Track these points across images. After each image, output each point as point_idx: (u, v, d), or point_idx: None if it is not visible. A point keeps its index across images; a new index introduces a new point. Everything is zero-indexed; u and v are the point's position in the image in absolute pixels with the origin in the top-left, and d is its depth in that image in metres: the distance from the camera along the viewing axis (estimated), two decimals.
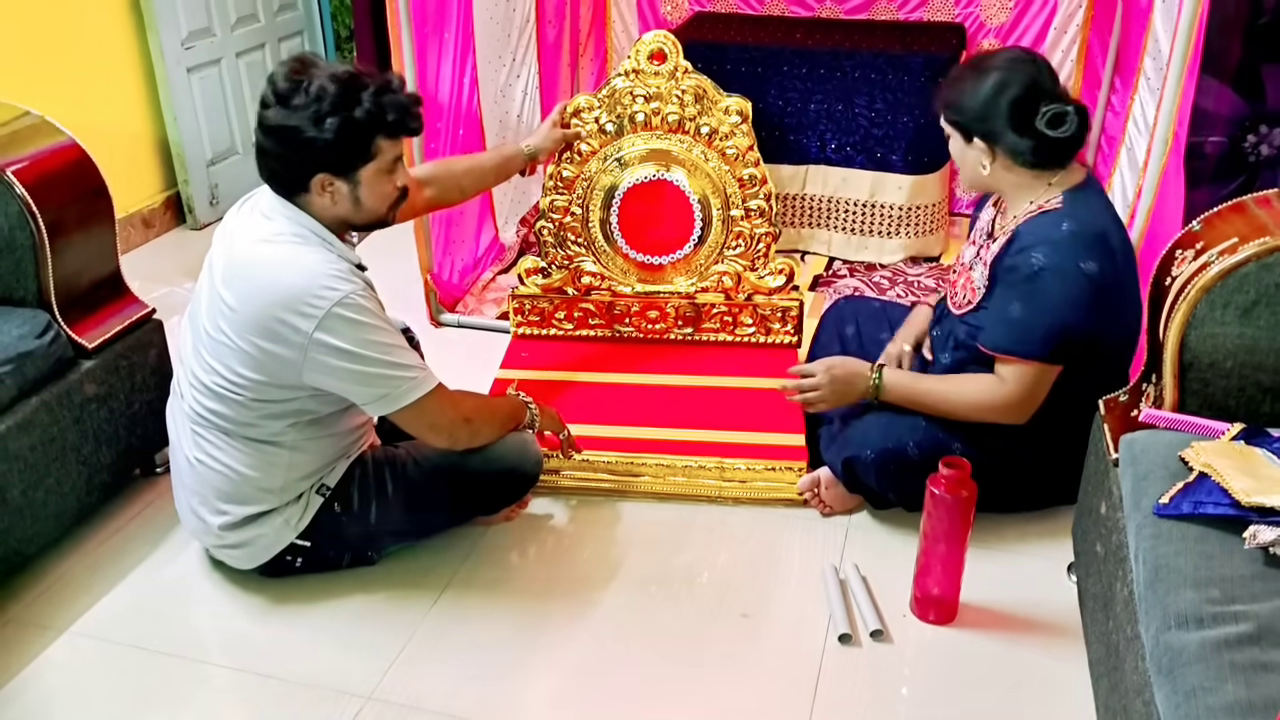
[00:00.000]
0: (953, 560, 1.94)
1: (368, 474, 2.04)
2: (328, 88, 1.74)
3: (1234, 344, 1.69)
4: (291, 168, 1.81)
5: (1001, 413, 2.05)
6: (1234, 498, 1.47)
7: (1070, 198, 2.00)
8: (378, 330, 1.83)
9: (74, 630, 1.98)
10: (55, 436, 2.06)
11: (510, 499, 2.21)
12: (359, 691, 1.84)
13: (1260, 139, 3.23)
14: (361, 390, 1.85)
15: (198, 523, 2.03)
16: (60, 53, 3.38)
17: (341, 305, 1.78)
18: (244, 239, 1.86)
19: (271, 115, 1.76)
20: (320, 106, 1.73)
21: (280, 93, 1.75)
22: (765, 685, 1.86)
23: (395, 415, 1.90)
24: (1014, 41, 3.65)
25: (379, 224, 1.94)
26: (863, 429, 2.18)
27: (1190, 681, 1.27)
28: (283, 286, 1.78)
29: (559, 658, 1.93)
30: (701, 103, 2.54)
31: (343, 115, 1.74)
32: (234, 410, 1.89)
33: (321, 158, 1.78)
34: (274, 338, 1.79)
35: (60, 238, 2.11)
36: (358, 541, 2.07)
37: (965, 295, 2.13)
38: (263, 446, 1.92)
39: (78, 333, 2.15)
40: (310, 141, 1.75)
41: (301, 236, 1.84)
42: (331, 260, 1.83)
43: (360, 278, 1.87)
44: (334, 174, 1.81)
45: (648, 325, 2.72)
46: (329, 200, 1.84)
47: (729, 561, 2.18)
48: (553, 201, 2.65)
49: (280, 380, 1.84)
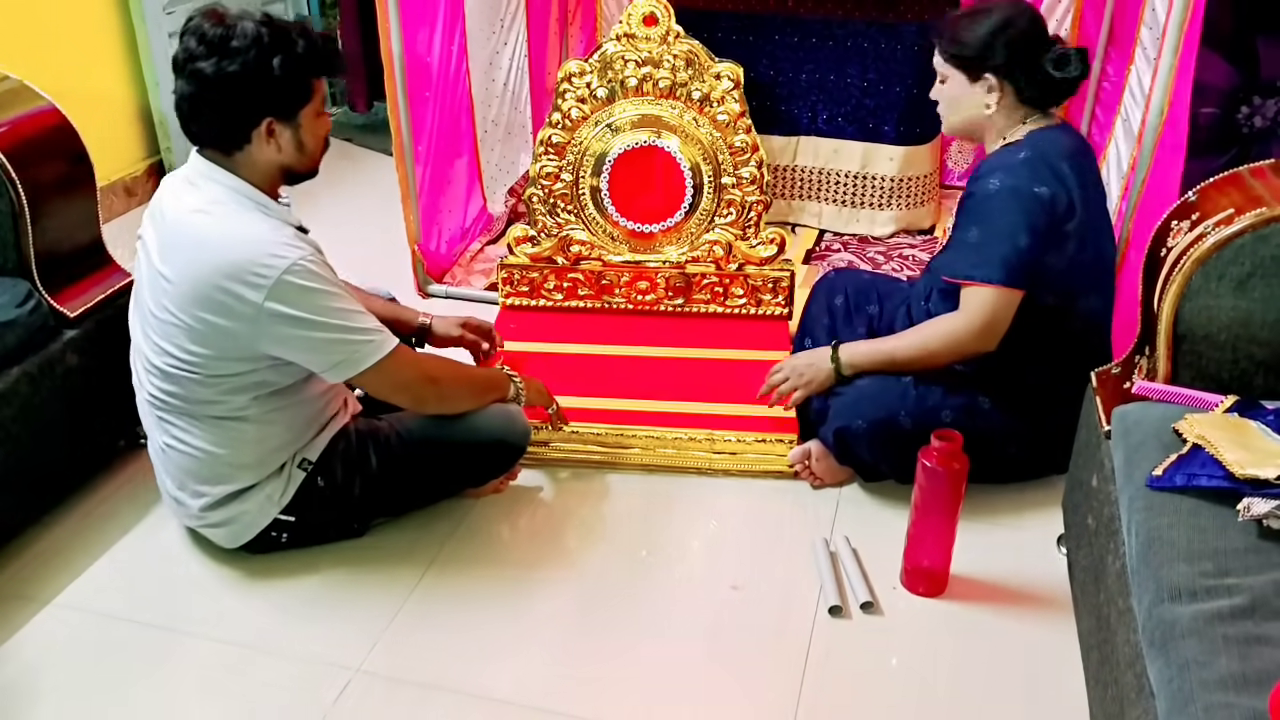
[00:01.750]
0: (943, 533, 1.93)
1: (350, 447, 2.01)
2: (260, 31, 1.71)
3: (1228, 316, 1.68)
4: (236, 117, 1.76)
5: (967, 342, 2.06)
6: (1228, 470, 1.47)
7: (1033, 135, 2.07)
8: (330, 295, 1.79)
9: (58, 602, 1.96)
10: (37, 407, 2.03)
11: (497, 470, 2.19)
12: (347, 664, 1.83)
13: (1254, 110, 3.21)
14: (318, 358, 1.82)
15: (178, 506, 2.01)
16: (40, 16, 3.32)
17: (290, 272, 1.73)
18: (175, 211, 1.82)
19: (208, 66, 1.70)
20: (261, 47, 1.70)
21: (212, 41, 1.70)
22: (755, 657, 1.86)
23: (357, 379, 1.87)
24: None
25: (311, 172, 1.90)
26: (854, 399, 2.17)
27: (1183, 654, 1.27)
28: (226, 257, 1.74)
29: (547, 629, 1.92)
30: (693, 68, 2.51)
31: (284, 54, 1.72)
32: (191, 390, 1.85)
33: (269, 100, 1.75)
34: (222, 310, 1.75)
35: (41, 205, 2.08)
36: (343, 515, 2.06)
37: (940, 242, 2.17)
38: (227, 423, 1.88)
39: (59, 302, 2.12)
40: (258, 83, 1.72)
41: (236, 202, 1.79)
42: (274, 226, 1.80)
43: (306, 241, 1.83)
44: (278, 117, 1.77)
45: (638, 296, 2.70)
46: (274, 148, 1.80)
47: (719, 533, 2.18)
48: (542, 168, 2.62)
49: (232, 354, 1.80)
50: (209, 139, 1.80)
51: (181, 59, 1.73)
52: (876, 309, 2.44)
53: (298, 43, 1.74)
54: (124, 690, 1.79)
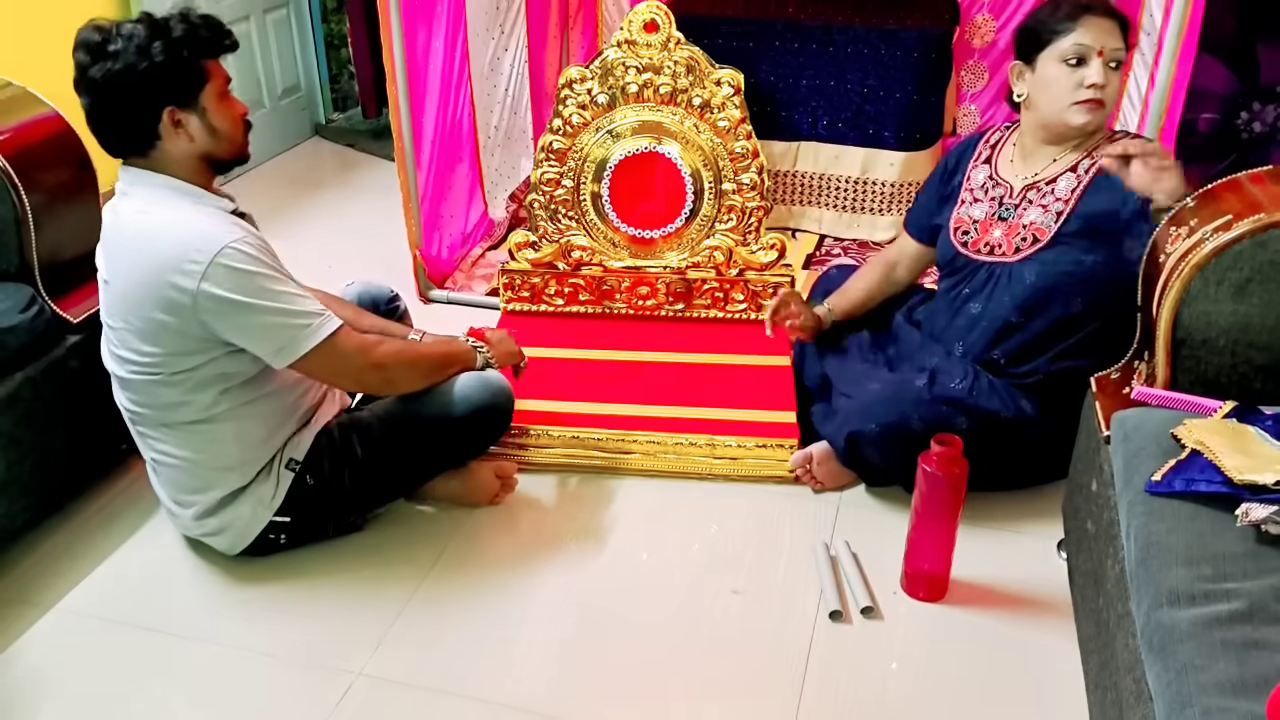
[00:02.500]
0: (944, 537, 1.94)
1: (334, 442, 2.01)
2: (135, 26, 1.73)
3: (1227, 321, 1.68)
4: (135, 114, 1.76)
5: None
6: (1226, 475, 1.47)
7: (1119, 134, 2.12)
8: (266, 278, 1.78)
9: (60, 607, 1.97)
10: (39, 412, 2.04)
11: (487, 439, 2.16)
12: (349, 668, 1.83)
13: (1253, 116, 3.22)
14: (259, 343, 1.81)
15: (174, 517, 2.03)
16: (42, 22, 3.32)
17: (223, 255, 1.73)
18: (114, 223, 1.84)
19: (95, 71, 1.71)
20: (138, 41, 1.71)
21: (94, 47, 1.72)
22: (756, 662, 1.86)
23: (298, 365, 1.84)
24: (1008, 17, 3.62)
25: (240, 155, 1.89)
26: (866, 402, 2.16)
27: (1181, 659, 1.27)
28: (162, 250, 1.75)
29: (549, 634, 1.93)
30: (694, 74, 2.52)
31: (163, 40, 1.72)
32: (155, 394, 1.86)
33: (160, 88, 1.74)
34: (163, 304, 1.76)
35: (44, 211, 2.08)
36: (338, 509, 2.06)
37: (1024, 238, 2.14)
38: (201, 426, 1.89)
39: (62, 307, 2.13)
40: (144, 74, 1.71)
41: (169, 198, 1.80)
42: (209, 213, 1.80)
43: (242, 225, 1.83)
44: (178, 105, 1.77)
45: (639, 301, 2.71)
46: (185, 138, 1.80)
47: (720, 538, 2.18)
48: (543, 174, 2.63)
49: (182, 347, 1.81)
50: (122, 146, 1.81)
51: (76, 77, 1.75)
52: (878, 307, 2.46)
53: (175, 28, 1.74)
54: (126, 695, 1.80)
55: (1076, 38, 2.00)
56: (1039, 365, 2.16)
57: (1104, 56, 2.00)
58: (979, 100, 3.76)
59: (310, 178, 4.22)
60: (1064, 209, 2.10)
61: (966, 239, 2.23)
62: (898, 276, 2.44)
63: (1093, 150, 2.10)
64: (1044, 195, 2.13)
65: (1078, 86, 2.01)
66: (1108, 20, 2.02)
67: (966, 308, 2.23)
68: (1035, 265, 2.12)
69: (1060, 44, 2.02)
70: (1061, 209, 2.10)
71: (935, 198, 2.34)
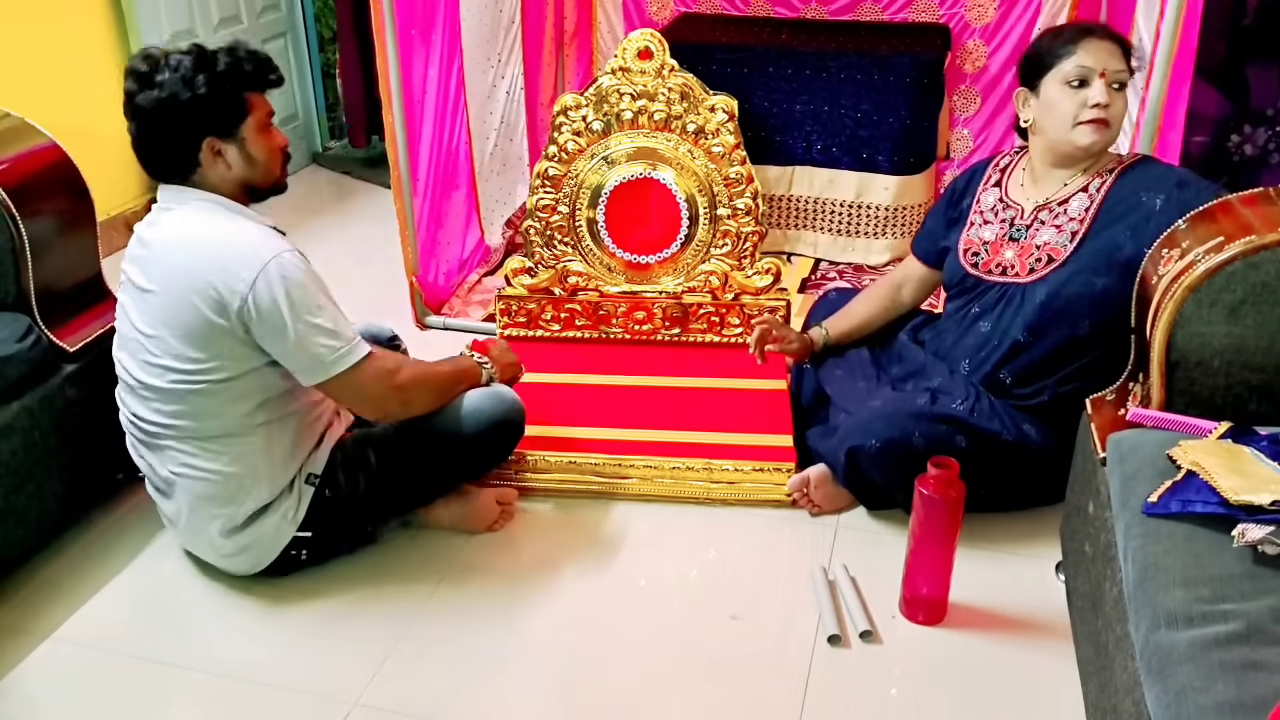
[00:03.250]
0: (941, 560, 1.93)
1: (349, 454, 2.03)
2: (183, 58, 1.80)
3: (1221, 343, 1.69)
4: (177, 141, 1.83)
5: None
6: (1222, 496, 1.47)
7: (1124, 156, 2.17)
8: (313, 292, 1.84)
9: (56, 636, 1.96)
10: (36, 441, 2.04)
11: (498, 452, 2.17)
12: (346, 697, 1.82)
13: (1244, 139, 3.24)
14: (292, 357, 1.85)
15: (197, 538, 2.02)
16: (41, 54, 3.35)
17: (276, 261, 1.80)
18: (157, 234, 1.88)
19: (141, 98, 1.79)
20: (184, 72, 1.78)
21: (142, 76, 1.79)
22: (755, 687, 1.85)
23: (324, 386, 1.89)
24: (999, 42, 3.66)
25: (276, 186, 1.96)
26: (867, 419, 2.16)
27: (1180, 681, 1.27)
28: (215, 255, 1.81)
29: (546, 661, 1.92)
30: (688, 101, 2.54)
31: (208, 73, 1.79)
32: (195, 404, 1.87)
33: (202, 119, 1.82)
34: (212, 304, 1.80)
35: (41, 240, 2.09)
36: (356, 521, 2.07)
37: (1038, 258, 2.15)
38: (233, 440, 1.91)
39: (59, 336, 2.13)
40: (187, 105, 1.79)
41: (216, 209, 1.87)
42: (258, 226, 1.87)
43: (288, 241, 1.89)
44: (218, 136, 1.84)
45: (635, 326, 2.71)
46: (223, 167, 1.87)
47: (717, 563, 2.18)
48: (539, 200, 2.64)
49: (229, 351, 1.84)
50: (164, 171, 1.88)
51: (125, 102, 1.82)
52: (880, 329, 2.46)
53: (220, 61, 1.81)
54: None
55: (1078, 59, 2.03)
56: (1045, 386, 2.17)
57: (1106, 78, 2.02)
58: (971, 125, 3.78)
59: (307, 205, 4.23)
60: (1079, 229, 2.11)
61: (977, 260, 2.24)
62: (903, 299, 2.45)
63: (1102, 172, 2.12)
64: (1056, 216, 2.14)
65: (1082, 107, 2.03)
66: (1108, 42, 2.04)
67: (976, 326, 2.24)
68: (1047, 285, 2.13)
69: (1063, 66, 2.04)
70: (1076, 229, 2.11)
71: (943, 221, 2.35)
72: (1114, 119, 2.06)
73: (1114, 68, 2.03)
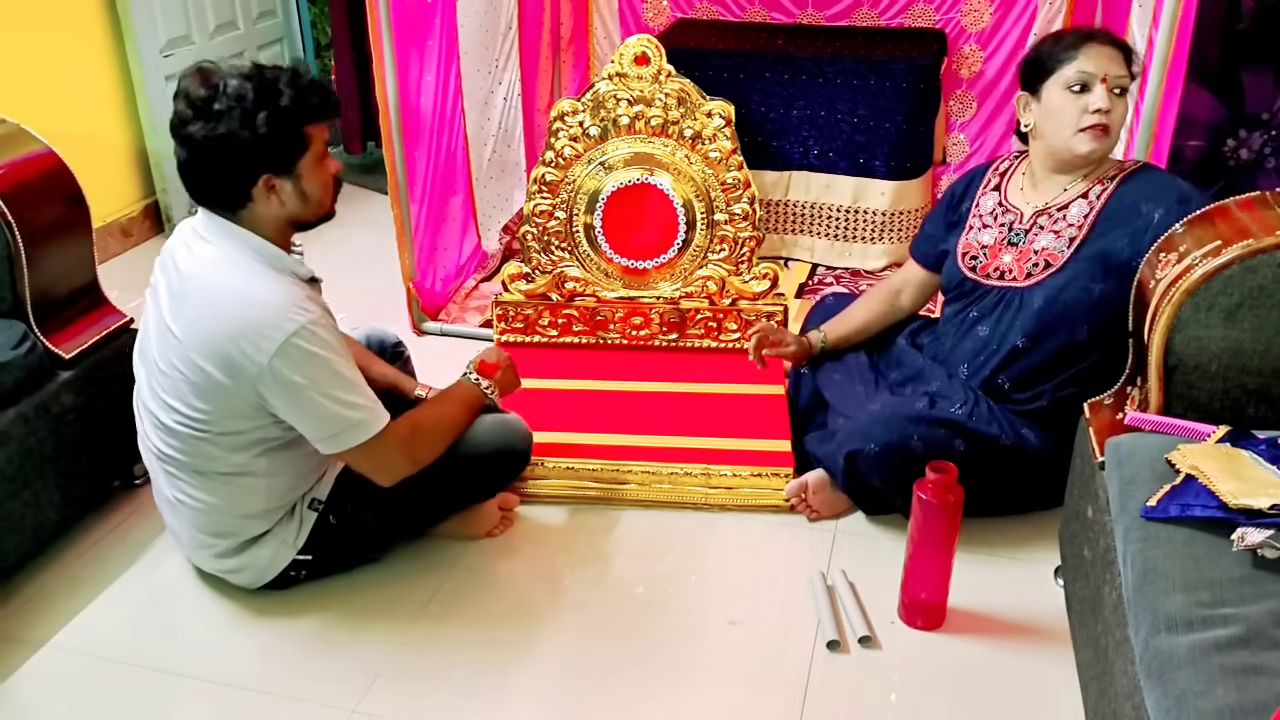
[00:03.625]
0: (940, 565, 1.93)
1: (355, 481, 2.00)
2: (244, 87, 1.68)
3: (1219, 346, 1.69)
4: (232, 178, 1.74)
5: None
6: (1221, 500, 1.47)
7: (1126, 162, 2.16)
8: (331, 364, 1.77)
9: (52, 644, 1.95)
10: (32, 448, 2.03)
11: (505, 479, 2.17)
12: (342, 705, 1.82)
13: (1240, 143, 3.25)
14: (310, 427, 1.81)
15: (194, 552, 2.02)
16: (37, 60, 3.35)
17: (298, 335, 1.73)
18: (188, 264, 1.81)
19: (197, 131, 1.69)
20: (245, 106, 1.68)
21: (198, 104, 1.69)
22: (753, 693, 1.85)
23: (341, 456, 1.85)
24: (994, 47, 3.67)
25: (325, 217, 1.89)
26: (866, 423, 2.16)
27: (1180, 685, 1.26)
28: (237, 316, 1.74)
29: (545, 667, 1.91)
30: (685, 106, 2.54)
31: (270, 108, 1.69)
32: (197, 447, 1.85)
33: (261, 158, 1.73)
34: (227, 367, 1.75)
35: (37, 247, 2.08)
36: (359, 546, 2.06)
37: (1036, 264, 2.14)
38: (235, 479, 1.89)
39: (54, 343, 2.12)
40: (246, 144, 1.69)
41: (248, 260, 1.79)
42: (285, 287, 1.78)
43: (316, 303, 1.82)
44: (275, 173, 1.75)
45: (632, 332, 2.71)
46: (276, 203, 1.78)
47: (716, 569, 2.17)
48: (536, 206, 2.64)
49: (234, 411, 1.80)
50: (211, 200, 1.80)
51: (174, 124, 1.72)
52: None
53: (283, 94, 1.71)
54: None
55: (1080, 65, 2.03)
56: (1044, 391, 2.17)
57: (1107, 83, 2.02)
58: (968, 129, 3.79)
59: None
60: (1077, 234, 2.11)
61: (975, 264, 2.24)
62: (902, 304, 2.45)
63: (1102, 178, 2.12)
64: (1056, 221, 2.14)
65: (1083, 113, 2.03)
66: (1110, 48, 2.04)
67: (974, 330, 2.24)
68: (1044, 290, 2.13)
69: (1064, 71, 2.04)
70: (1075, 234, 2.11)
71: (942, 225, 2.35)
72: (1114, 125, 2.06)
73: (1115, 73, 2.03)
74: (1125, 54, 2.06)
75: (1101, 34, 2.10)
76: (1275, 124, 3.20)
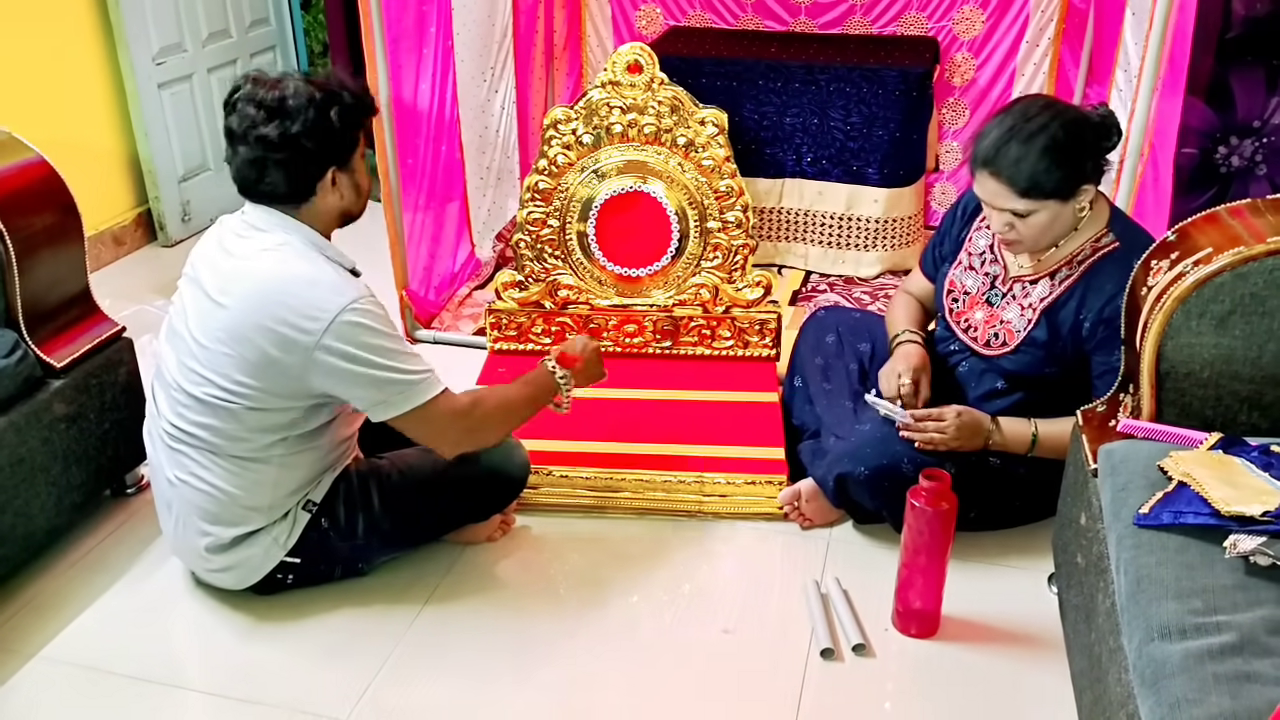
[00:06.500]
0: (934, 573, 1.93)
1: (352, 488, 2.02)
2: (308, 88, 1.81)
3: (1210, 354, 1.70)
4: (305, 172, 1.84)
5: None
6: (1214, 507, 1.47)
7: (1120, 232, 2.02)
8: (384, 335, 1.84)
9: (43, 655, 1.94)
10: (24, 457, 2.02)
11: (498, 504, 2.19)
12: (336, 714, 1.81)
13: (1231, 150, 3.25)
14: (365, 394, 1.85)
15: (184, 546, 2.01)
16: (29, 68, 3.34)
17: (350, 310, 1.80)
18: (241, 250, 1.87)
19: (272, 130, 1.78)
20: (317, 105, 1.80)
21: (271, 106, 1.78)
22: (748, 701, 1.84)
23: (396, 421, 1.88)
24: (986, 55, 3.68)
25: (361, 212, 1.98)
26: (856, 445, 2.16)
27: (1174, 693, 1.26)
28: (290, 294, 1.80)
29: (539, 675, 1.91)
30: (678, 114, 2.54)
31: (339, 106, 1.82)
32: (226, 423, 1.86)
33: (332, 152, 1.84)
34: (279, 342, 1.79)
35: (28, 256, 2.08)
36: (347, 555, 2.06)
37: (996, 335, 2.14)
38: (249, 464, 1.90)
39: (46, 352, 2.12)
40: (322, 139, 1.81)
41: (303, 247, 1.86)
42: (336, 269, 1.87)
43: (364, 284, 1.90)
44: (339, 167, 1.87)
45: (625, 340, 2.71)
46: (337, 196, 1.89)
47: (710, 576, 2.17)
48: (529, 214, 2.64)
49: (280, 389, 1.84)
50: (277, 197, 1.86)
51: (243, 127, 1.80)
52: (868, 346, 2.45)
53: (344, 94, 1.84)
54: None
55: (978, 187, 1.98)
56: (1030, 418, 2.15)
57: (1002, 213, 1.96)
58: (960, 137, 3.80)
59: None
60: (1032, 318, 2.08)
61: (955, 305, 2.24)
62: (926, 306, 2.40)
63: (1073, 260, 2.04)
64: (1026, 294, 2.10)
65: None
66: (996, 183, 1.92)
67: (957, 366, 2.25)
68: (1004, 361, 2.14)
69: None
70: (1030, 317, 2.08)
71: (950, 241, 2.32)
72: (1025, 239, 1.99)
73: (1003, 205, 1.93)
74: (1019, 188, 1.90)
75: (998, 160, 1.90)
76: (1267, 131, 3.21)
